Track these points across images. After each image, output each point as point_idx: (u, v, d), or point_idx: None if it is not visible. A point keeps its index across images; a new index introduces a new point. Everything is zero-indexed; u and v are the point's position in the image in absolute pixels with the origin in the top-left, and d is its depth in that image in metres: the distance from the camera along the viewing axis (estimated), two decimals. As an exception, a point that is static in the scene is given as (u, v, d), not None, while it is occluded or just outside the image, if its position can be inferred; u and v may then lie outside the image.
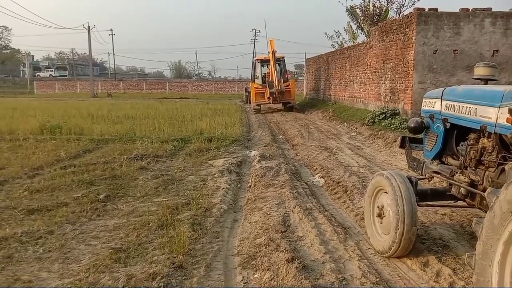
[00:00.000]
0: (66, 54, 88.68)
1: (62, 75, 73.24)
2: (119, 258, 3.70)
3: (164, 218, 4.70)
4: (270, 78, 20.47)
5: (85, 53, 71.29)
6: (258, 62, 22.94)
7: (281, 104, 21.62)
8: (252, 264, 3.65)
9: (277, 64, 20.73)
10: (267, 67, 21.78)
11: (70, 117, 15.43)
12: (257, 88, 21.41)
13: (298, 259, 3.53)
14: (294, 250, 3.81)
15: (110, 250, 3.86)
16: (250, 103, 23.59)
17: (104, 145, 9.87)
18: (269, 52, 20.66)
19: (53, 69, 77.19)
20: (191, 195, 5.70)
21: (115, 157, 8.22)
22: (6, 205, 5.26)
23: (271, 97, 20.35)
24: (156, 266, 3.47)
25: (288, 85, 21.25)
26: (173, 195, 5.80)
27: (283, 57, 22.59)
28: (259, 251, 3.86)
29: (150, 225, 4.54)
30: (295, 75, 69.42)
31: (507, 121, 2.78)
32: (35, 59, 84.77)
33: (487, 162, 3.22)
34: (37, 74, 74.38)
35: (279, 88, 19.95)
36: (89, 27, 46.96)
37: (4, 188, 6.12)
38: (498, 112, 2.94)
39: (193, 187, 6.26)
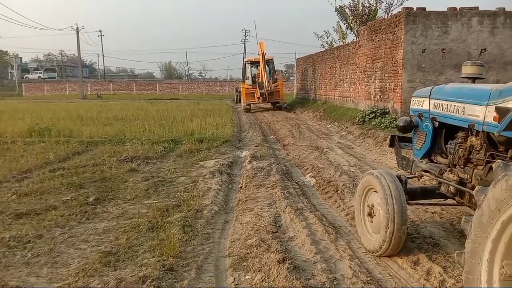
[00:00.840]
0: (55, 55, 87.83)
1: (51, 77, 72.53)
2: (108, 262, 3.67)
3: (154, 221, 4.66)
4: (260, 79, 21.25)
5: (74, 54, 70.79)
6: (248, 64, 23.81)
7: (270, 103, 22.27)
8: (243, 265, 3.64)
9: (266, 66, 21.55)
10: (257, 68, 22.57)
11: (59, 119, 15.28)
12: (247, 88, 22.20)
13: (289, 260, 3.53)
14: (285, 250, 3.81)
15: (99, 254, 3.82)
16: (240, 102, 24.27)
17: (93, 147, 9.78)
18: (259, 54, 21.55)
19: (41, 71, 76.39)
20: (182, 197, 5.67)
21: (104, 159, 8.15)
22: (-7, 209, 5.19)
23: (261, 97, 21.16)
24: (146, 269, 3.44)
25: (277, 86, 22.08)
26: (164, 197, 5.77)
27: (272, 59, 23.52)
28: (250, 252, 3.84)
29: (140, 227, 4.50)
30: (286, 75, 69.65)
31: (494, 120, 2.80)
32: (23, 61, 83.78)
33: (476, 160, 3.24)
34: (25, 76, 73.59)
35: (269, 88, 20.78)
36: (77, 28, 46.64)
37: (-8, 192, 6.03)
38: (486, 110, 2.96)
39: (184, 188, 6.23)
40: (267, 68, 21.71)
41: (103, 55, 73.58)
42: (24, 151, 9.15)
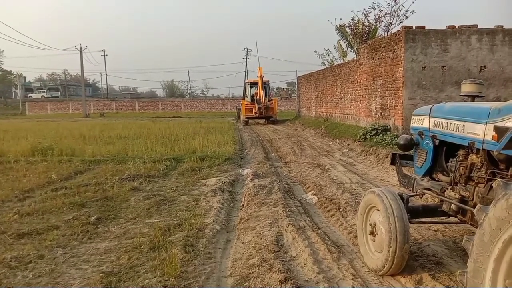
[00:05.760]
0: (58, 75, 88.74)
1: (54, 96, 73.18)
2: (110, 282, 3.65)
3: (156, 240, 4.65)
4: (258, 97, 25.97)
5: (77, 73, 71.59)
6: (248, 84, 28.63)
7: (265, 118, 26.75)
8: (245, 285, 3.61)
9: (263, 86, 26.36)
10: (256, 88, 27.20)
11: (61, 138, 15.36)
12: (246, 104, 26.81)
13: (291, 280, 3.50)
14: (288, 270, 3.78)
15: (101, 274, 3.80)
16: (240, 118, 28.29)
17: (96, 166, 9.80)
18: (257, 77, 26.63)
19: (45, 90, 77.08)
20: (184, 216, 5.66)
21: (106, 178, 8.17)
22: (-5, 229, 5.18)
23: (258, 111, 25.75)
24: (148, 290, 3.42)
25: (271, 103, 26.84)
26: (165, 216, 5.76)
27: (268, 81, 28.42)
28: (252, 272, 3.82)
29: (142, 247, 4.49)
30: (288, 91, 70.24)
31: (493, 138, 2.82)
32: (27, 81, 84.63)
33: (477, 178, 3.25)
34: (29, 95, 74.22)
35: (265, 104, 25.77)
36: (81, 48, 47.21)
37: (-6, 212, 6.04)
38: (485, 128, 2.99)
39: (186, 207, 6.22)
40: (264, 88, 26.34)
41: (106, 74, 74.24)
42: (27, 170, 9.17)
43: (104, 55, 70.47)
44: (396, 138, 10.73)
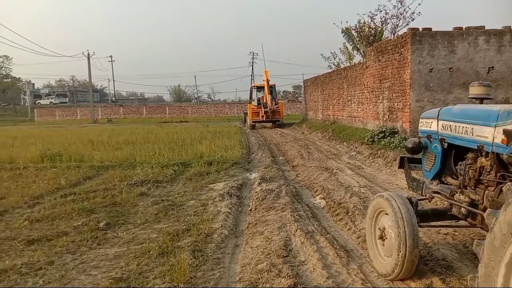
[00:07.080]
0: (66, 81, 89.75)
1: (62, 102, 73.81)
2: (119, 288, 3.66)
3: (164, 245, 4.67)
4: (264, 100, 26.14)
5: (85, 79, 72.15)
6: (255, 88, 28.87)
7: (272, 122, 26.68)
8: (254, 290, 3.60)
9: (270, 90, 26.46)
10: (262, 92, 27.50)
11: (70, 144, 15.47)
12: (253, 108, 26.90)
13: (300, 285, 3.50)
14: (297, 275, 3.77)
15: (110, 280, 3.83)
16: (247, 122, 28.32)
17: (104, 171, 9.86)
18: (264, 80, 26.74)
19: (53, 96, 77.83)
20: (192, 221, 5.67)
21: (115, 183, 8.21)
22: (5, 235, 5.23)
23: (265, 115, 25.71)
24: (157, 296, 3.43)
25: (278, 107, 26.86)
26: (174, 221, 5.77)
27: (274, 85, 28.45)
28: (261, 277, 3.81)
29: (151, 253, 4.51)
30: (295, 95, 70.44)
31: (502, 142, 2.80)
32: (35, 87, 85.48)
33: (486, 181, 3.22)
34: (37, 101, 74.94)
35: (272, 107, 25.68)
36: (88, 54, 47.66)
37: (4, 218, 6.10)
38: (494, 131, 2.96)
39: (194, 212, 6.24)
40: (270, 92, 26.29)
41: (113, 80, 74.89)
42: (36, 176, 9.25)
43: (112, 61, 71.20)
44: (404, 141, 10.67)
